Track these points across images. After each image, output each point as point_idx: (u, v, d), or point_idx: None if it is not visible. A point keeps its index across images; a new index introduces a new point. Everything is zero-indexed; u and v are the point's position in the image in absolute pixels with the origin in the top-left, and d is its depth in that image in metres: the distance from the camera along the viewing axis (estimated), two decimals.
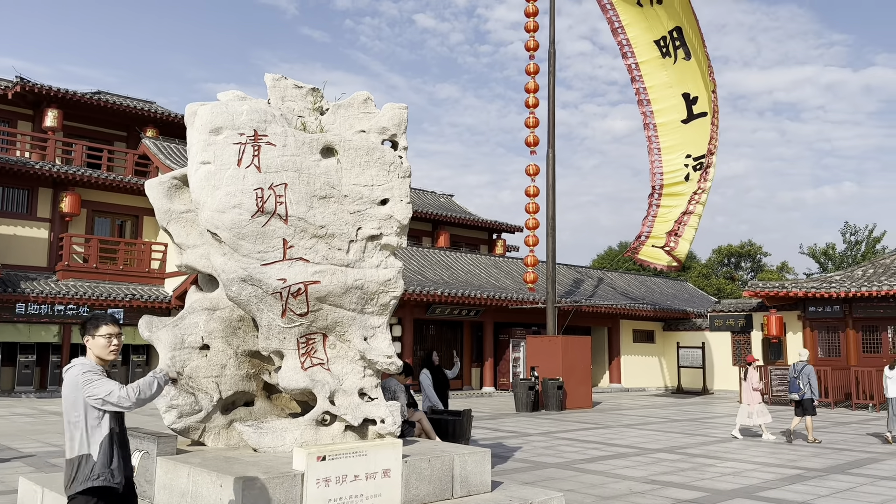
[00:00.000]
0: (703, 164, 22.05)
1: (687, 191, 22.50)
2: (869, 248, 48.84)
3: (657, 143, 23.06)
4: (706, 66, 21.61)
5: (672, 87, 22.49)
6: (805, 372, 13.88)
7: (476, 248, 36.49)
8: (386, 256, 6.45)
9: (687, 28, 21.56)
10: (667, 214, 22.89)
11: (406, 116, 6.87)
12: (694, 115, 22.24)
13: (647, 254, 23.37)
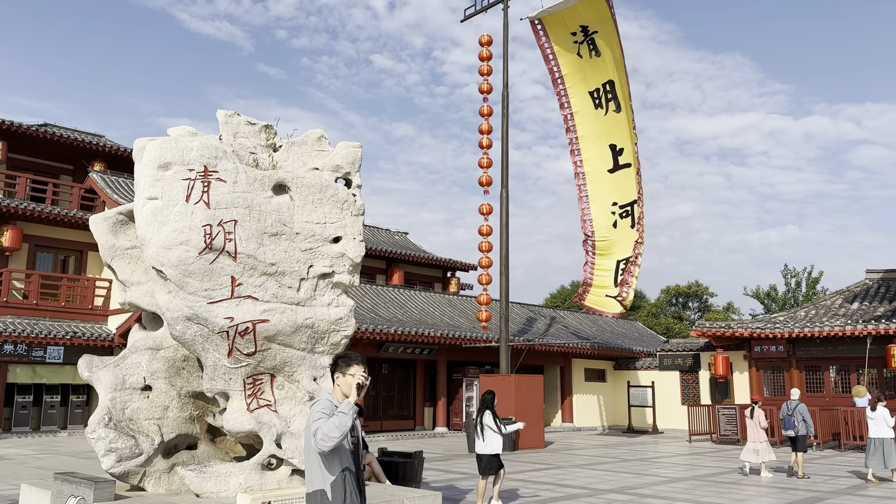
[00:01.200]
0: (632, 214, 22.79)
1: (617, 238, 23.19)
2: (809, 289, 50.41)
3: (585, 191, 23.80)
4: (631, 121, 22.48)
5: (601, 138, 23.29)
6: (799, 410, 14.59)
7: (430, 286, 36.44)
8: (338, 295, 6.37)
9: (618, 82, 22.40)
10: (603, 262, 23.55)
11: (360, 155, 6.87)
12: (619, 166, 23.08)
13: (595, 302, 23.84)
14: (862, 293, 27.21)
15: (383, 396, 25.88)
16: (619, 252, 23.20)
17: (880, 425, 13.74)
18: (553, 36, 23.14)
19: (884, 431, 13.67)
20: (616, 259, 23.19)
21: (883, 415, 13.80)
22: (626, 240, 23.05)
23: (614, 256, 23.21)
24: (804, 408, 14.80)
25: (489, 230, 22.85)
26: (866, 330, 23.57)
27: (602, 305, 23.61)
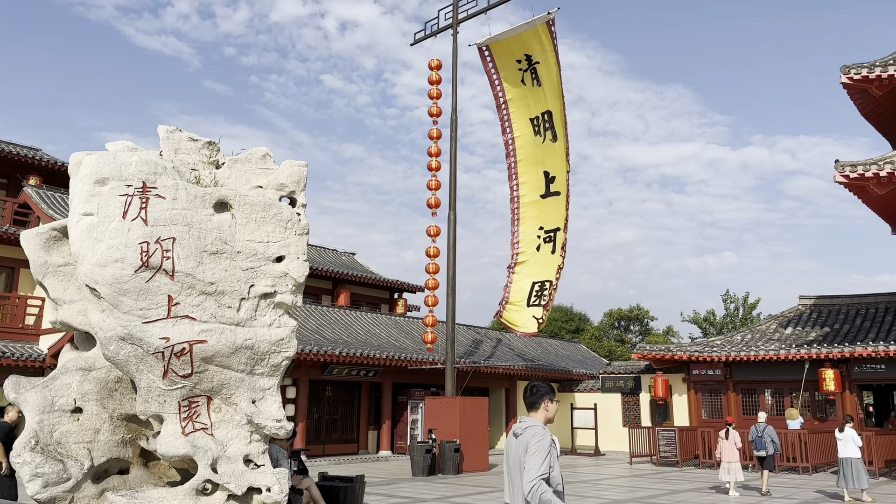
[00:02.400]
0: (555, 240, 23.55)
1: (536, 261, 24.03)
2: (746, 314, 51.97)
3: (518, 214, 24.55)
4: (566, 151, 23.17)
5: (537, 164, 24.02)
6: (768, 432, 15.58)
7: (377, 307, 36.22)
8: (279, 315, 6.28)
9: (556, 113, 23.07)
10: (520, 282, 24.29)
11: (305, 174, 6.83)
12: (550, 193, 23.83)
13: (509, 318, 24.70)
14: (795, 318, 28.17)
15: (326, 419, 25.48)
16: (535, 274, 24.07)
17: (848, 445, 14.29)
18: (499, 62, 23.59)
19: (851, 451, 14.22)
20: (532, 280, 24.07)
21: (850, 436, 14.36)
22: (544, 263, 23.95)
23: (530, 277, 24.10)
24: (772, 430, 15.82)
25: (437, 252, 22.92)
26: (799, 354, 24.39)
27: (516, 323, 24.36)
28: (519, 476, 4.32)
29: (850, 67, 20.45)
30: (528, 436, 4.38)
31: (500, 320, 25.24)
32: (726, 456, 15.51)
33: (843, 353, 23.56)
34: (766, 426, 15.93)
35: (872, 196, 20.65)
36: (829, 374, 23.62)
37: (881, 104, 21.57)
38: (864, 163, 19.78)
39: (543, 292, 23.82)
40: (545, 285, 23.81)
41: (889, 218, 23.43)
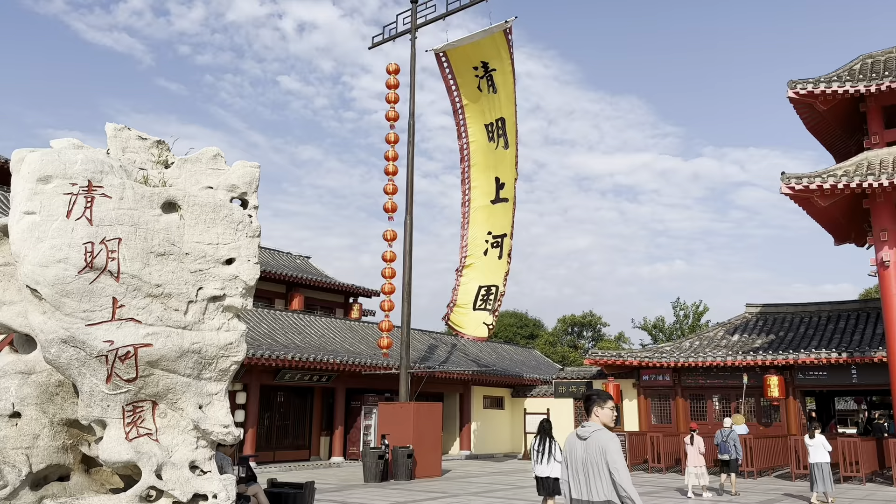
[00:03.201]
0: (502, 245, 23.85)
1: (483, 265, 24.26)
2: (695, 321, 53.12)
3: (468, 218, 24.76)
4: (516, 158, 23.43)
5: (489, 170, 24.27)
6: (732, 437, 16.36)
7: (332, 311, 35.95)
8: (229, 319, 6.17)
9: (508, 121, 23.34)
10: (466, 285, 24.47)
11: (258, 175, 6.74)
12: (499, 199, 24.14)
13: (455, 321, 24.76)
14: (742, 326, 28.91)
15: (277, 425, 25.16)
16: (481, 278, 24.28)
17: (819, 451, 14.78)
18: (456, 69, 23.72)
19: (821, 456, 14.71)
20: (478, 284, 24.28)
21: (821, 442, 14.88)
22: (490, 268, 24.18)
23: (476, 281, 24.30)
24: (736, 435, 16.62)
25: (393, 256, 22.86)
26: (745, 361, 25.03)
27: (463, 326, 24.49)
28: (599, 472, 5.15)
29: (796, 83, 21.12)
30: (599, 438, 5.23)
31: (448, 323, 25.29)
32: (692, 461, 15.96)
33: (787, 360, 24.26)
34: (730, 431, 16.67)
35: (817, 208, 21.34)
36: (774, 380, 24.29)
37: (825, 119, 22.32)
38: (808, 175, 20.43)
39: (489, 297, 23.98)
40: (491, 290, 23.99)
41: (832, 229, 24.23)
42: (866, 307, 27.22)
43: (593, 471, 5.17)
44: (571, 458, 5.33)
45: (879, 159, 20.74)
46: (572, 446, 5.36)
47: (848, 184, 19.77)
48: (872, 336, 24.67)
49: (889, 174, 19.31)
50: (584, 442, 5.27)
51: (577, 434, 5.36)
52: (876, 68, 21.63)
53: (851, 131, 23.46)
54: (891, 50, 22.41)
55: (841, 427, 40.36)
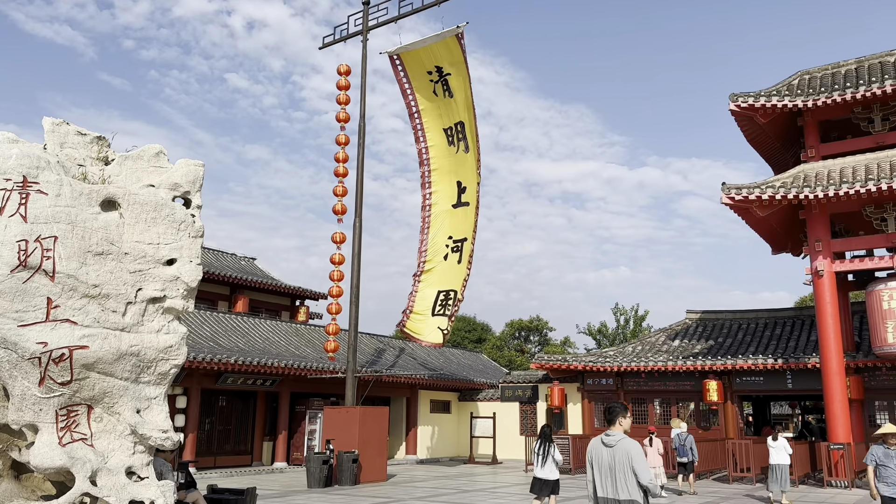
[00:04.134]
0: (461, 250, 23.74)
1: (443, 269, 24.06)
2: (637, 326, 54.17)
3: (428, 222, 24.57)
4: (477, 161, 23.45)
5: (450, 174, 24.15)
6: (688, 441, 17.45)
7: (277, 314, 35.42)
8: (169, 321, 6.02)
9: (468, 124, 23.33)
10: (425, 290, 24.21)
11: (202, 174, 6.59)
12: (461, 203, 24.05)
13: (412, 328, 24.43)
14: (683, 331, 29.62)
15: (219, 430, 24.63)
16: (441, 283, 24.04)
17: (780, 453, 15.45)
18: (411, 72, 23.64)
19: (782, 458, 15.42)
20: (437, 289, 24.03)
21: (783, 444, 15.56)
22: (450, 273, 23.96)
23: (436, 286, 24.07)
24: (692, 439, 17.73)
25: (341, 259, 22.67)
26: (686, 366, 25.64)
27: (419, 332, 24.24)
28: (625, 475, 6.01)
29: (738, 95, 21.79)
30: (625, 445, 6.09)
31: (403, 330, 25.01)
32: (651, 461, 16.40)
33: (725, 365, 24.95)
34: (687, 435, 17.54)
35: (755, 218, 22.04)
36: (713, 385, 24.94)
37: (765, 132, 23.09)
38: (748, 186, 21.08)
39: (448, 302, 23.84)
40: (450, 295, 23.83)
41: (770, 239, 25.05)
42: (801, 315, 28.20)
43: (620, 474, 6.04)
44: (598, 462, 6.22)
45: (815, 172, 21.55)
46: (599, 452, 6.24)
47: (785, 195, 20.47)
48: (807, 343, 25.58)
49: (824, 187, 20.08)
50: (611, 449, 6.16)
51: (602, 441, 6.25)
52: (813, 84, 22.49)
53: (789, 144, 24.32)
54: (827, 67, 23.33)
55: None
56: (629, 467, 6.00)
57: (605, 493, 6.11)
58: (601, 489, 6.15)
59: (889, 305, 20.18)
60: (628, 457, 6.03)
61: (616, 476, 6.06)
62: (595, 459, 6.23)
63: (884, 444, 9.15)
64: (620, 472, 6.04)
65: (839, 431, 20.32)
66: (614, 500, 6.05)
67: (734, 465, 20.93)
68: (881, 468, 9.01)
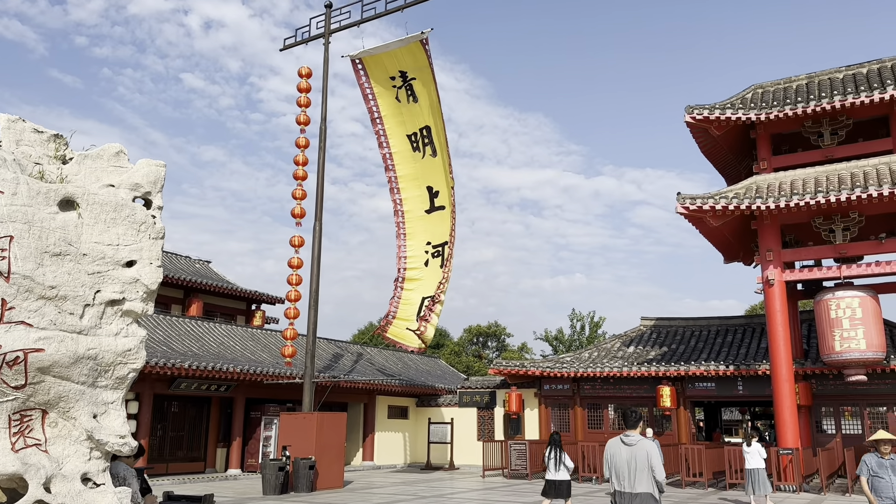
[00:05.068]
0: (443, 254, 23.70)
1: (426, 276, 24.00)
2: (592, 332, 54.86)
3: (403, 229, 24.44)
4: (448, 166, 23.44)
5: (419, 180, 24.05)
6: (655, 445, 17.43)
7: (233, 318, 34.88)
8: (128, 324, 5.88)
9: (434, 129, 23.29)
10: (410, 297, 24.18)
11: (163, 174, 6.47)
12: (435, 207, 23.98)
13: (396, 334, 24.28)
14: (637, 338, 30.10)
15: (171, 436, 24.12)
16: (424, 289, 23.93)
17: (755, 458, 15.90)
18: (373, 77, 23.56)
19: (757, 462, 15.87)
20: (422, 295, 23.91)
21: (757, 449, 15.99)
22: (433, 277, 23.83)
23: (420, 292, 23.95)
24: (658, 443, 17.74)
25: (300, 263, 22.44)
26: (640, 372, 26.05)
27: (402, 338, 24.14)
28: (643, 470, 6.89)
29: (693, 108, 22.29)
30: (644, 445, 7.02)
31: (385, 336, 24.76)
32: None
33: (678, 371, 25.43)
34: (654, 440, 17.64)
35: (709, 227, 22.55)
36: (666, 390, 25.39)
37: (719, 143, 23.66)
38: (702, 196, 21.57)
39: (433, 306, 23.72)
40: (434, 299, 23.73)
41: (722, 248, 25.65)
42: (751, 322, 28.93)
43: (638, 469, 6.93)
44: (617, 458, 7.09)
45: (767, 184, 22.16)
46: (617, 449, 7.13)
47: (738, 206, 21.01)
48: (757, 350, 26.24)
49: (776, 198, 20.66)
50: (631, 447, 7.07)
51: (622, 440, 7.15)
52: (766, 98, 23.15)
53: (742, 156, 24.97)
54: (779, 81, 24.03)
55: (726, 436, 42.63)
56: (647, 464, 6.89)
57: (620, 486, 6.97)
58: (617, 483, 7.00)
59: (836, 314, 20.85)
60: (647, 455, 6.96)
61: (633, 470, 6.94)
62: (614, 456, 7.12)
63: (876, 452, 8.56)
64: (639, 467, 6.92)
65: (788, 437, 20.87)
66: (630, 493, 6.89)
67: (687, 470, 21.32)
68: (874, 479, 8.41)
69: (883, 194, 19.19)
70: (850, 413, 23.57)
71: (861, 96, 20.40)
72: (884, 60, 22.46)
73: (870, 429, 23.06)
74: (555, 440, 13.19)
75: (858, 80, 22.05)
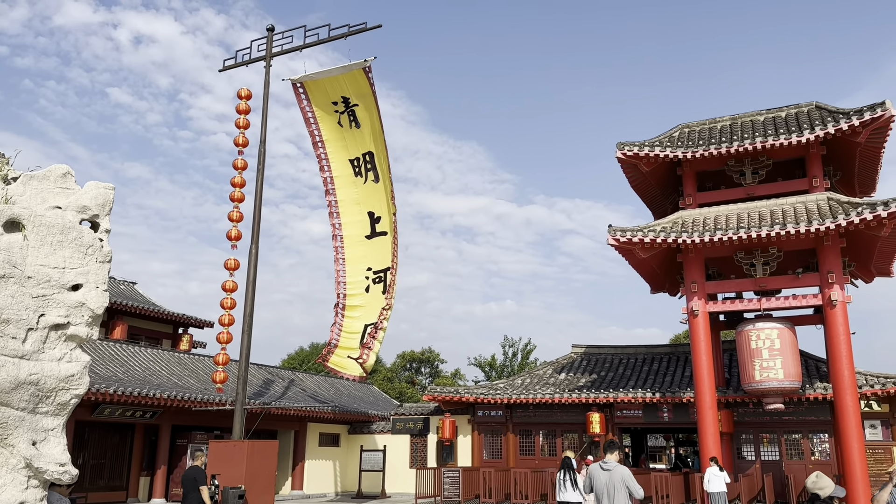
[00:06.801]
0: (385, 280, 23.57)
1: (367, 303, 23.74)
2: (524, 359, 55.54)
3: (342, 253, 24.20)
4: (390, 192, 23.44)
5: (360, 205, 23.92)
6: None
7: (158, 342, 33.81)
8: (71, 349, 5.75)
9: (378, 154, 23.30)
10: (352, 325, 23.84)
11: (112, 197, 6.39)
12: (376, 233, 23.86)
13: (337, 363, 23.90)
14: (568, 365, 30.69)
15: (92, 464, 23.11)
16: (367, 316, 23.66)
17: (714, 482, 17.36)
18: (315, 101, 23.54)
19: (719, 486, 17.19)
20: (364, 322, 23.62)
21: (715, 472, 17.40)
22: (375, 304, 23.62)
23: (362, 320, 23.64)
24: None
25: (234, 286, 22.03)
26: (571, 398, 26.56)
27: (344, 367, 23.79)
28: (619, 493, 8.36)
29: (624, 144, 23.19)
30: (620, 471, 8.48)
31: (326, 365, 24.27)
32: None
33: (607, 398, 26.05)
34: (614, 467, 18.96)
35: (637, 258, 23.37)
36: (596, 417, 25.95)
37: (647, 179, 24.63)
38: (632, 229, 22.38)
39: (375, 334, 23.43)
40: (376, 326, 23.43)
41: (649, 279, 26.57)
42: (676, 351, 29.94)
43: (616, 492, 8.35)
44: (597, 482, 8.55)
45: (692, 219, 23.17)
46: (598, 474, 8.57)
47: (665, 239, 21.88)
48: (682, 378, 27.15)
49: (700, 233, 21.62)
50: (608, 472, 8.47)
51: (601, 466, 8.60)
52: (692, 137, 24.28)
53: (669, 191, 26.05)
54: (705, 122, 25.27)
55: (651, 462, 43.67)
56: (624, 486, 8.35)
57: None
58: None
59: (756, 345, 21.86)
60: (622, 478, 8.39)
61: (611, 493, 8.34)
62: (594, 480, 8.52)
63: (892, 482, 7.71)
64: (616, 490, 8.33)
65: None
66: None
67: None
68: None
69: (800, 231, 20.36)
70: (768, 440, 24.62)
71: (780, 138, 21.68)
72: (801, 105, 23.95)
73: (786, 456, 24.13)
74: (567, 464, 14.04)
75: (778, 123, 23.42)
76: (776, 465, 24.00)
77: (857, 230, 20.45)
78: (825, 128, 21.18)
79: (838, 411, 20.90)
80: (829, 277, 21.33)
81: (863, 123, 20.61)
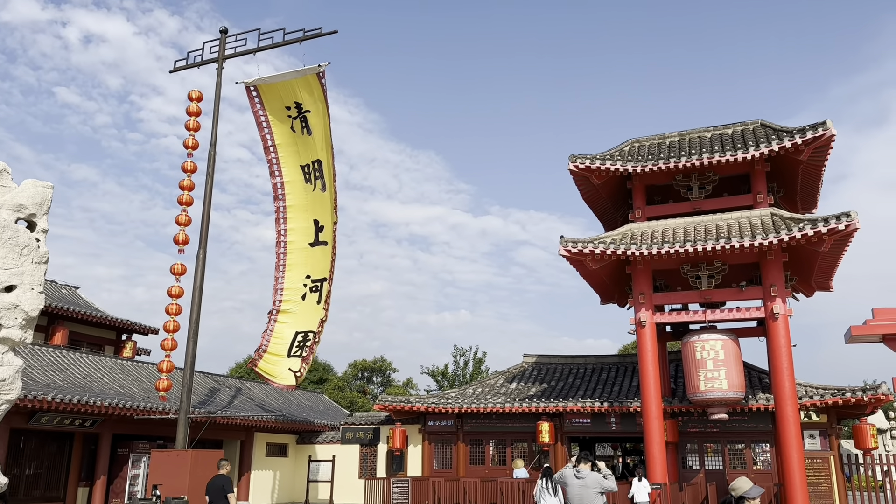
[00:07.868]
0: (321, 290, 23.30)
1: (301, 310, 23.38)
2: (476, 368, 55.67)
3: (284, 260, 23.88)
4: (335, 202, 23.25)
5: (307, 212, 23.67)
6: None
7: (101, 348, 32.83)
8: (3, 352, 5.52)
9: (325, 163, 23.12)
10: (282, 331, 23.42)
11: (50, 196, 6.18)
12: (319, 242, 23.61)
13: (266, 369, 23.42)
14: (520, 374, 30.87)
15: (28, 474, 22.26)
16: (299, 324, 23.34)
17: (641, 492, 18.29)
18: (268, 105, 23.26)
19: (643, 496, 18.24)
20: (295, 330, 23.31)
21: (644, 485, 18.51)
22: (309, 313, 23.32)
23: (294, 327, 23.32)
24: None
25: (180, 292, 21.55)
26: (522, 408, 26.69)
27: (273, 374, 23.35)
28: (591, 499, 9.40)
29: (576, 157, 23.51)
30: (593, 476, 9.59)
31: (255, 370, 23.81)
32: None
33: (557, 407, 26.26)
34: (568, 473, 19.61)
35: (588, 270, 23.67)
36: (545, 426, 26.12)
37: (599, 191, 25.01)
38: (583, 240, 22.67)
39: (306, 343, 23.09)
40: (308, 336, 23.07)
41: (600, 290, 26.93)
42: (624, 361, 30.39)
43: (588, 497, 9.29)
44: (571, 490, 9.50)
45: (641, 231, 23.60)
46: (571, 480, 9.52)
47: (615, 251, 22.22)
48: (629, 388, 27.55)
49: (648, 245, 22.03)
50: (582, 479, 9.39)
51: (574, 473, 9.55)
52: (642, 151, 24.76)
53: (619, 204, 26.49)
54: (654, 137, 25.80)
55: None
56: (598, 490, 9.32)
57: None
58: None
59: (701, 356, 22.33)
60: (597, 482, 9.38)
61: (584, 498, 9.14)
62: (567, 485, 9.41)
63: None
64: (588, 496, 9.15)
65: (657, 472, 21.96)
66: None
67: None
68: None
69: (744, 246, 20.91)
70: (713, 450, 25.13)
71: (726, 155, 22.26)
72: (746, 123, 24.65)
73: (729, 465, 24.67)
74: (548, 472, 14.72)
75: (724, 139, 24.06)
76: (719, 475, 24.51)
77: (799, 245, 21.10)
78: (770, 145, 21.83)
79: (779, 422, 21.46)
80: (771, 291, 21.94)
81: (805, 142, 21.32)
